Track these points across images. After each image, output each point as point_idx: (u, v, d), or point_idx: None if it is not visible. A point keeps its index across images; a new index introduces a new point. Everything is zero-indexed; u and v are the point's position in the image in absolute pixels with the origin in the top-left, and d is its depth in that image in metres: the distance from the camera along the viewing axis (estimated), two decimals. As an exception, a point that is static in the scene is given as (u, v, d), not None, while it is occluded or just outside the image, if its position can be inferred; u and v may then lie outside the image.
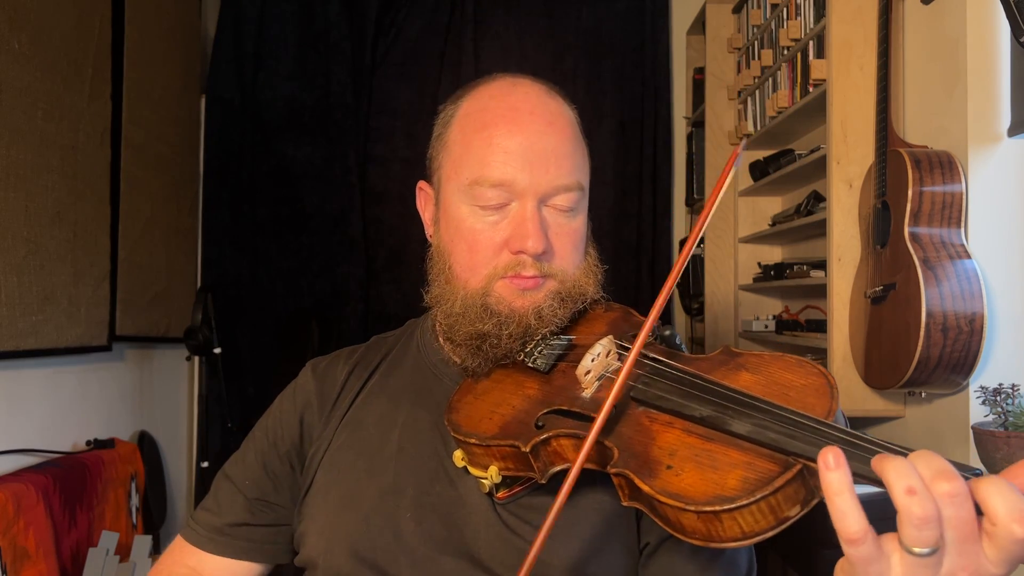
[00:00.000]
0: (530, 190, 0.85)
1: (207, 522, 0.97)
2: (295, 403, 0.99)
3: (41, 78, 2.07)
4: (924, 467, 0.51)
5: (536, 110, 0.87)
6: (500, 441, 0.78)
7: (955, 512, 0.50)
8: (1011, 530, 0.49)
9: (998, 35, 1.68)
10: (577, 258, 0.90)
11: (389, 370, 0.99)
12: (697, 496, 0.63)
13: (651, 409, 0.73)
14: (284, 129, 3.29)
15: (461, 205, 0.88)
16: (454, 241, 0.89)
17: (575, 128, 0.91)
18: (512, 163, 0.85)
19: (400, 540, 0.84)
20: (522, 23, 3.30)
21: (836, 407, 0.66)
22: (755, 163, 2.64)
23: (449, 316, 0.88)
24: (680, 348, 0.83)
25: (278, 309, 3.25)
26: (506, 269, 0.86)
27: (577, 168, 0.88)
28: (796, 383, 0.71)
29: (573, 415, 0.77)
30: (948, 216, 1.67)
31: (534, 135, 0.86)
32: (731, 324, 2.87)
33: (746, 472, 0.63)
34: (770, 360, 0.75)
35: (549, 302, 0.86)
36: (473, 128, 0.88)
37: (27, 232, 2.02)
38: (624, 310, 0.93)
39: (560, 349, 0.86)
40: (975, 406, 1.66)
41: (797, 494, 0.61)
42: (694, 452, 0.67)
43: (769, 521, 0.61)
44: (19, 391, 2.07)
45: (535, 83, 0.92)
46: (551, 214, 0.87)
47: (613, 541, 0.83)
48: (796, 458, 0.61)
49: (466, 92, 0.93)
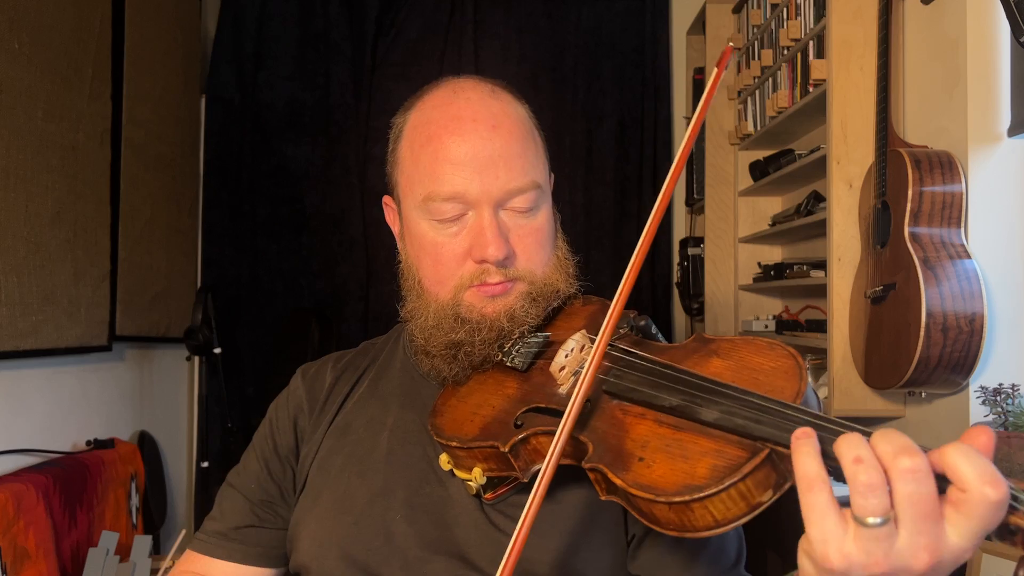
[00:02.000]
0: (483, 198, 0.84)
1: (212, 529, 0.97)
2: (288, 408, 0.99)
3: (41, 78, 2.07)
4: (886, 444, 0.51)
5: (479, 115, 0.86)
6: (480, 443, 0.78)
7: (915, 488, 0.50)
8: (984, 493, 0.49)
9: (998, 35, 1.68)
10: (543, 256, 0.89)
11: (378, 374, 1.00)
12: (667, 487, 0.62)
13: (624, 402, 0.73)
14: (284, 129, 3.30)
15: (420, 221, 0.88)
16: (419, 256, 0.89)
17: (524, 125, 0.89)
18: (460, 174, 0.84)
19: (391, 542, 0.84)
20: (522, 23, 3.30)
21: (805, 388, 0.66)
22: (755, 163, 2.64)
23: (424, 330, 0.89)
24: (655, 337, 0.82)
25: (278, 309, 3.25)
26: (472, 279, 0.86)
27: (530, 167, 0.87)
28: (766, 366, 0.70)
29: (550, 412, 0.77)
30: (948, 216, 1.67)
31: (479, 142, 0.84)
32: (731, 324, 2.87)
33: (715, 460, 0.62)
34: (741, 344, 0.74)
35: (520, 303, 0.86)
36: (419, 142, 0.88)
37: (27, 232, 2.02)
38: (602, 303, 0.93)
39: (537, 347, 0.86)
40: (975, 406, 1.66)
41: (768, 479, 0.61)
42: (665, 443, 0.67)
43: (741, 508, 0.61)
44: (19, 391, 2.07)
45: (478, 85, 0.90)
46: (510, 216, 0.87)
47: (598, 534, 0.83)
48: (764, 443, 0.61)
49: (412, 103, 0.92)
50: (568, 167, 3.26)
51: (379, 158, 3.29)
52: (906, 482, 0.50)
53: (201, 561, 0.96)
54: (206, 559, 0.96)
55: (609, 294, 0.95)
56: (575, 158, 3.29)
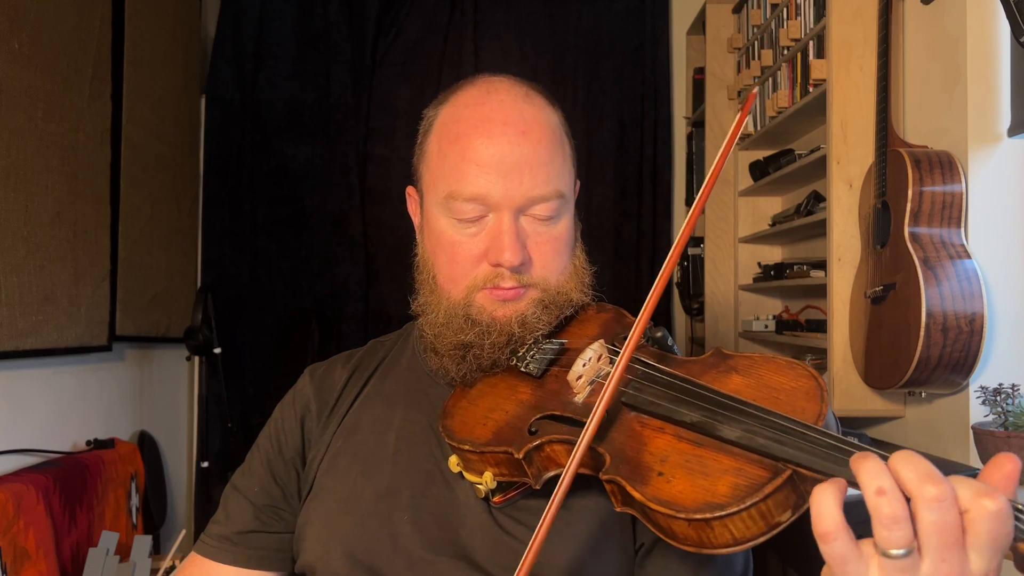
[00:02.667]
0: (505, 202, 0.84)
1: (216, 533, 0.96)
2: (295, 409, 0.99)
3: (41, 78, 2.07)
4: (911, 470, 0.50)
5: (509, 119, 0.86)
6: (494, 448, 0.78)
7: (940, 516, 0.49)
8: (983, 506, 0.49)
9: (998, 35, 1.68)
10: (560, 264, 0.89)
11: (385, 373, 0.99)
12: (688, 504, 0.62)
13: (642, 414, 0.72)
14: (284, 129, 3.30)
15: (440, 217, 0.88)
16: (436, 252, 0.90)
17: (554, 133, 0.89)
18: (485, 176, 0.84)
19: (397, 543, 0.84)
20: (522, 23, 3.30)
21: (826, 410, 0.66)
22: (755, 163, 2.64)
23: (434, 327, 0.89)
24: (672, 350, 0.82)
25: (278, 309, 3.25)
26: (485, 281, 0.86)
27: (555, 176, 0.87)
28: (786, 386, 0.70)
29: (566, 420, 0.76)
30: (948, 216, 1.67)
31: (506, 146, 0.84)
32: (731, 324, 2.88)
33: (736, 479, 0.62)
34: (761, 362, 0.74)
35: (532, 310, 0.86)
36: (448, 139, 0.88)
37: (27, 232, 2.02)
38: (616, 311, 0.92)
39: (552, 353, 0.86)
40: (975, 406, 1.66)
41: (787, 500, 0.61)
42: (685, 458, 0.66)
43: (760, 527, 0.61)
44: (19, 391, 2.07)
45: (512, 87, 0.90)
46: (530, 223, 0.86)
47: (609, 543, 0.83)
48: (785, 464, 0.60)
49: (446, 98, 0.92)
50: (568, 167, 3.26)
51: (379, 158, 3.32)
52: (932, 511, 0.49)
53: (206, 565, 0.95)
54: (211, 563, 0.95)
55: (609, 295, 0.96)
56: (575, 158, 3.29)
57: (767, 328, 2.60)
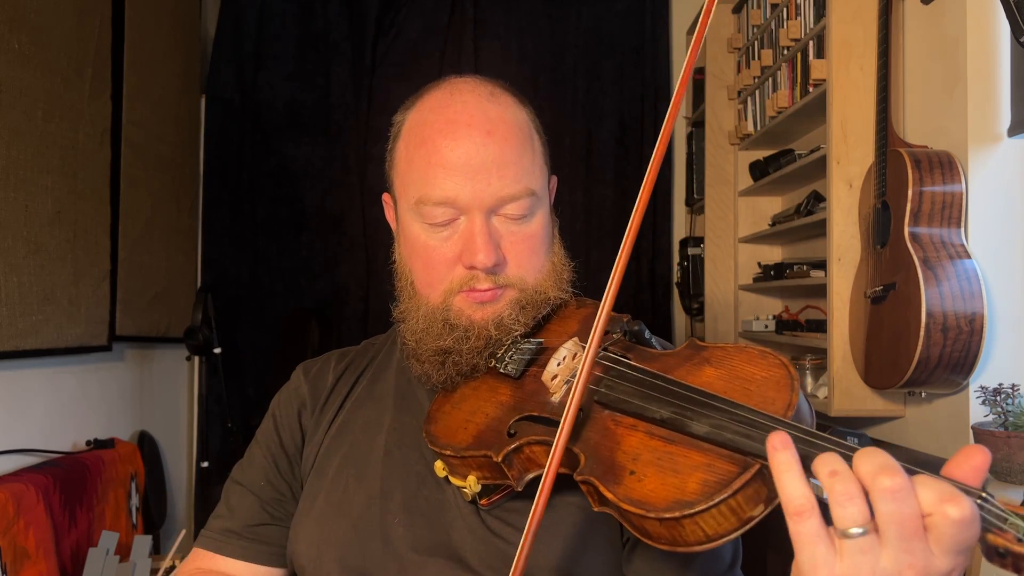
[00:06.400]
0: (474, 204, 0.83)
1: (221, 527, 0.95)
2: (292, 404, 0.99)
3: (41, 78, 2.07)
4: (868, 463, 0.52)
5: (474, 120, 0.84)
6: (474, 452, 0.77)
7: (897, 507, 0.50)
8: (945, 512, 0.49)
9: (998, 35, 1.68)
10: (536, 263, 0.88)
11: (376, 375, 0.99)
12: (658, 503, 0.62)
13: (615, 412, 0.72)
14: (284, 129, 3.30)
15: (413, 223, 0.87)
16: (412, 257, 0.89)
17: (522, 130, 0.87)
18: (452, 179, 0.83)
19: (389, 546, 0.84)
20: (522, 23, 3.30)
21: (796, 400, 0.65)
22: (755, 163, 2.64)
23: (414, 333, 0.88)
24: (650, 343, 0.81)
25: (278, 309, 3.25)
26: (461, 284, 0.85)
27: (524, 174, 0.85)
28: (757, 376, 0.69)
29: (543, 421, 0.76)
30: (948, 216, 1.67)
31: (472, 147, 0.83)
32: (731, 324, 2.87)
33: (706, 475, 0.62)
34: (733, 353, 0.73)
35: (509, 311, 0.85)
36: (414, 144, 0.87)
37: (27, 232, 2.02)
38: (596, 305, 0.91)
39: (530, 354, 0.85)
40: (975, 406, 1.66)
41: (759, 493, 0.60)
42: (656, 456, 0.66)
43: (732, 523, 0.60)
44: (19, 391, 2.07)
45: (477, 87, 0.88)
46: (502, 223, 0.85)
47: (597, 538, 0.83)
48: (754, 458, 0.60)
49: (413, 102, 0.91)
50: (568, 167, 3.26)
51: (379, 158, 3.28)
52: (886, 501, 0.50)
53: (211, 559, 0.94)
54: (218, 557, 0.94)
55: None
56: (575, 158, 3.29)
57: (767, 328, 2.60)
